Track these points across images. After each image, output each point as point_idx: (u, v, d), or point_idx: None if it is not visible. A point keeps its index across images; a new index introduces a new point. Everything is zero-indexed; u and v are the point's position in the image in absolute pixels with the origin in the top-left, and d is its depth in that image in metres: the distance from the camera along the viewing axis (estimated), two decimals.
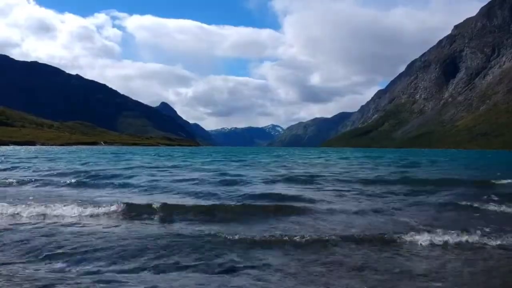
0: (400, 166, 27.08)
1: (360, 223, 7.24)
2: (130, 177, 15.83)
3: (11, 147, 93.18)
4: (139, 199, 9.64)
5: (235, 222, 7.36)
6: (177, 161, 30.95)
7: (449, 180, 15.57)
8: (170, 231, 6.46)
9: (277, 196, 10.42)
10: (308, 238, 5.89)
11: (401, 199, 10.42)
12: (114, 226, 6.75)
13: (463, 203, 9.09)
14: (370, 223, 7.21)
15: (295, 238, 5.89)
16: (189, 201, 9.57)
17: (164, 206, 8.20)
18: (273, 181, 14.75)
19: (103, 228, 6.61)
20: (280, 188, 12.62)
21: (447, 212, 8.49)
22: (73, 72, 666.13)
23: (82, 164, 24.55)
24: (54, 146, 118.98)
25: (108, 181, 14.05)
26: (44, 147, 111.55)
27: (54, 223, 6.89)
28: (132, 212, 7.92)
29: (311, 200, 9.82)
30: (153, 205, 8.24)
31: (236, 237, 5.86)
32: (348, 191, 11.90)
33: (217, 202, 8.91)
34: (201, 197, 10.45)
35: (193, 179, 14.91)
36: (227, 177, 15.84)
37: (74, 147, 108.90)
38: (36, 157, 34.49)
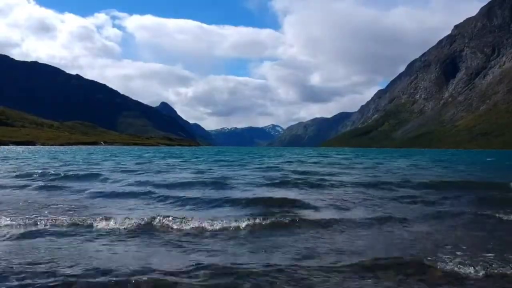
0: (405, 167, 25.89)
1: (372, 240, 6.07)
2: (107, 178, 14.79)
3: (8, 147, 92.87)
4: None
5: (206, 239, 6.11)
6: (168, 161, 29.65)
7: (461, 182, 14.32)
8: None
9: (270, 201, 9.26)
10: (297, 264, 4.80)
11: (413, 205, 9.18)
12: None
13: (486, 212, 7.99)
14: (384, 241, 6.03)
15: (285, 266, 4.82)
16: (149, 210, 8.39)
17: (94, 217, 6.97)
18: (269, 184, 13.55)
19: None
20: (275, 191, 11.47)
21: (474, 226, 7.10)
22: (73, 72, 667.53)
23: (60, 164, 23.74)
24: (54, 146, 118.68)
25: (80, 183, 13.05)
26: (44, 147, 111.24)
27: None
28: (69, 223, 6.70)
29: (310, 206, 8.73)
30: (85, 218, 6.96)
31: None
32: (352, 194, 10.84)
33: (186, 214, 7.77)
34: (177, 203, 9.23)
35: (182, 179, 13.92)
36: (219, 179, 14.62)
37: (74, 147, 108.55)
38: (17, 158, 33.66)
